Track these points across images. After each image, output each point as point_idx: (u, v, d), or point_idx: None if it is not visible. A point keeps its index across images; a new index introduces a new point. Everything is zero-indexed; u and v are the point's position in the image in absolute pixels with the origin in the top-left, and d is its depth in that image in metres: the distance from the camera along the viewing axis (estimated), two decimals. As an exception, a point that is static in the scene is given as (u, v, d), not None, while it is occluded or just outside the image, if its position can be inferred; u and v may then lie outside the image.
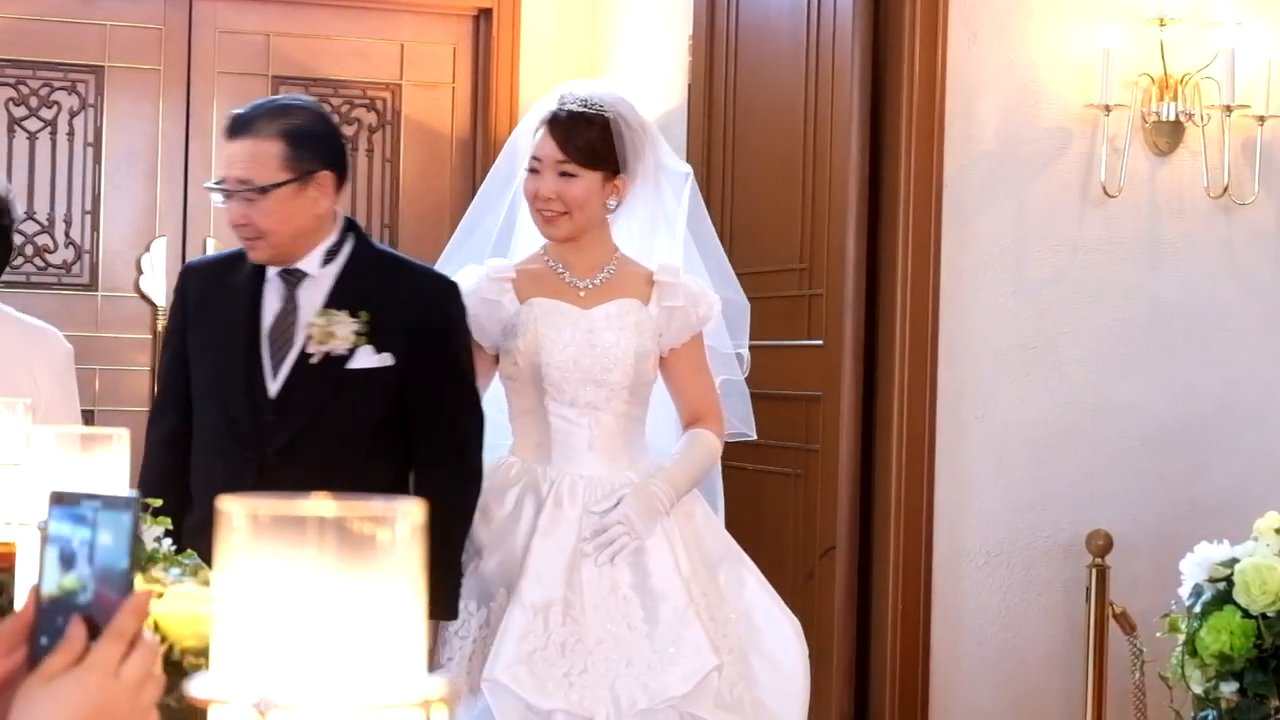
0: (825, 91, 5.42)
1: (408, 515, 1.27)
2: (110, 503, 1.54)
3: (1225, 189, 5.30)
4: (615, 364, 4.10)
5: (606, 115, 4.13)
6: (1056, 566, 5.25)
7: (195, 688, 1.25)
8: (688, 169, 4.44)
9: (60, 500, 1.55)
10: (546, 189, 4.10)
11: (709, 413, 4.25)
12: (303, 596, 1.24)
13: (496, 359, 4.17)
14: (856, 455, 5.27)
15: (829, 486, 5.31)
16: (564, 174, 4.09)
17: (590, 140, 4.10)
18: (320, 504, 1.25)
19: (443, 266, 4.33)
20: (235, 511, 1.26)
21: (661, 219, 4.33)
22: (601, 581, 3.99)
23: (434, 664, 3.87)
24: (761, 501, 5.62)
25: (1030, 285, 5.28)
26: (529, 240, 4.28)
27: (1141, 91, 5.28)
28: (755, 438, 4.57)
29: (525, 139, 4.20)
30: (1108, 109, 5.21)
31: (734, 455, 4.69)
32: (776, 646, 4.13)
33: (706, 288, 4.27)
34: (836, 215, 5.32)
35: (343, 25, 7.04)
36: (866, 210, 5.27)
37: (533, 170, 4.13)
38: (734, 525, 4.81)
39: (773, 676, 4.09)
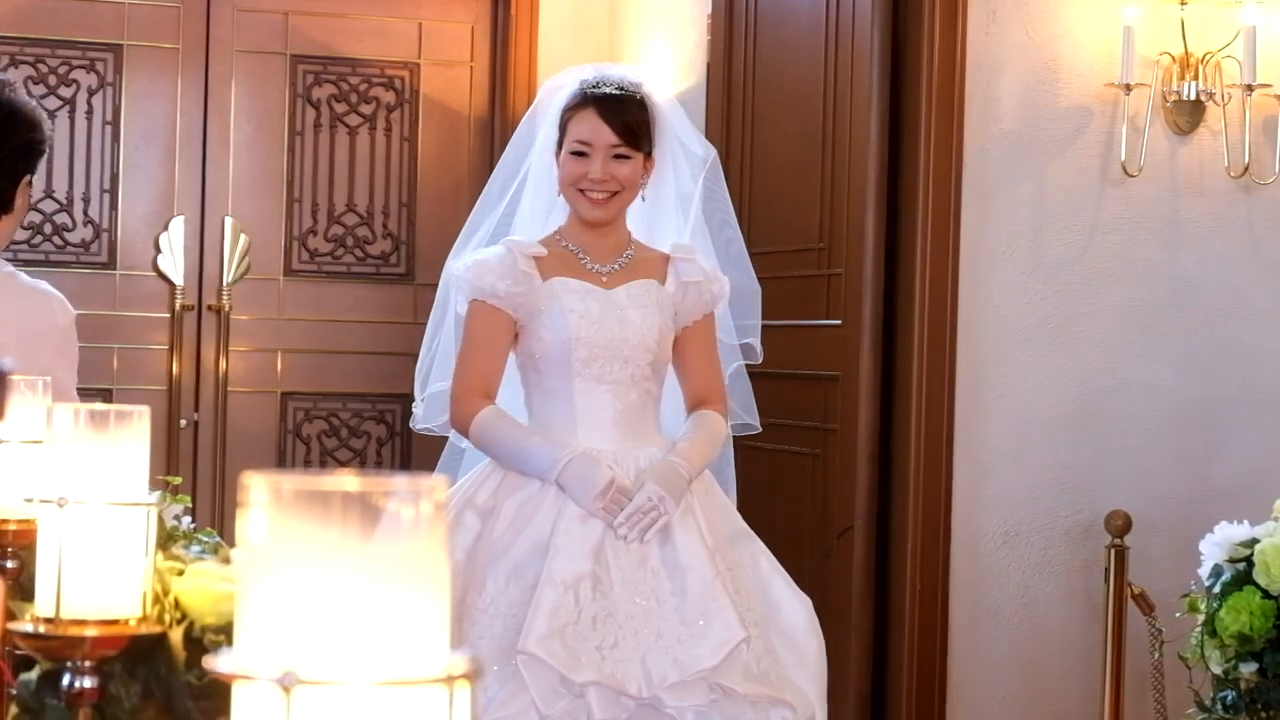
0: (845, 71, 5.41)
1: (431, 491, 1.26)
2: None
3: (1246, 169, 5.29)
4: (641, 341, 4.15)
5: (642, 95, 4.21)
6: (1075, 547, 5.25)
7: (219, 663, 1.25)
8: (707, 152, 4.45)
9: None
10: (598, 171, 4.13)
11: (715, 394, 4.29)
12: (326, 572, 1.24)
13: (517, 333, 4.19)
14: (875, 435, 5.27)
15: (847, 466, 5.31)
16: (617, 156, 4.14)
17: (636, 120, 4.17)
18: (344, 479, 1.24)
19: (459, 251, 4.36)
20: (258, 487, 1.25)
21: (673, 197, 4.36)
22: (630, 556, 4.01)
23: (463, 639, 3.89)
24: (779, 481, 5.62)
25: (1050, 265, 5.27)
26: (533, 223, 4.33)
27: (1162, 70, 5.26)
28: (759, 429, 4.57)
29: (540, 123, 4.25)
30: (1128, 88, 5.19)
31: (752, 435, 4.69)
32: (793, 624, 4.16)
33: (717, 269, 4.33)
34: (856, 195, 5.31)
35: (361, 4, 7.03)
36: (886, 190, 5.26)
37: (579, 154, 4.15)
38: (751, 505, 4.81)
39: (790, 653, 4.12)
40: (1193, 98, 5.27)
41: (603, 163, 4.13)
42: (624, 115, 4.15)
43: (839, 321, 5.39)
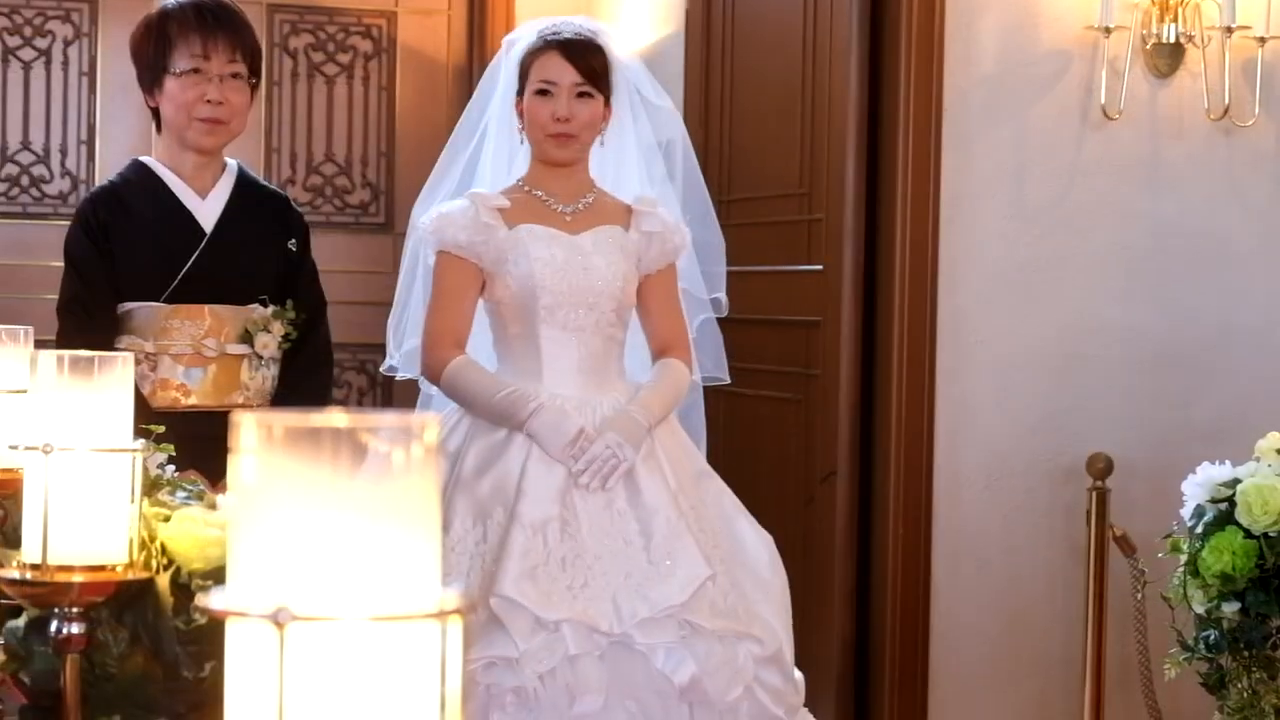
0: (825, 14, 5.40)
1: (423, 427, 1.26)
2: None
3: (1225, 111, 5.28)
4: (606, 287, 4.23)
5: (600, 41, 4.31)
6: (1057, 489, 5.26)
7: (213, 601, 1.25)
8: (669, 102, 4.55)
9: None
10: (563, 110, 4.21)
11: (678, 342, 4.37)
12: (318, 509, 1.24)
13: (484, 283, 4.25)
14: (857, 380, 5.27)
15: (829, 411, 5.31)
16: (581, 95, 4.23)
17: (598, 63, 4.26)
18: (334, 416, 1.24)
19: (425, 201, 4.44)
20: (248, 424, 1.25)
21: (635, 149, 4.45)
22: (596, 500, 4.09)
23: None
24: (761, 427, 5.63)
25: (1030, 208, 5.26)
26: (496, 172, 4.41)
27: (1141, 13, 5.25)
28: (729, 380, 4.61)
29: (502, 71, 4.33)
30: (1108, 31, 5.18)
31: (734, 380, 4.70)
32: (758, 560, 4.25)
33: (680, 221, 4.41)
34: (836, 139, 5.30)
35: (337, -48, 6.99)
36: (866, 134, 5.26)
37: (544, 93, 4.22)
38: (733, 450, 4.83)
39: (756, 589, 4.20)
40: (1172, 40, 5.26)
41: (567, 101, 4.21)
42: (586, 56, 4.24)
43: (820, 267, 5.39)
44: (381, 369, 4.78)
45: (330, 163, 7.01)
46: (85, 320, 4.28)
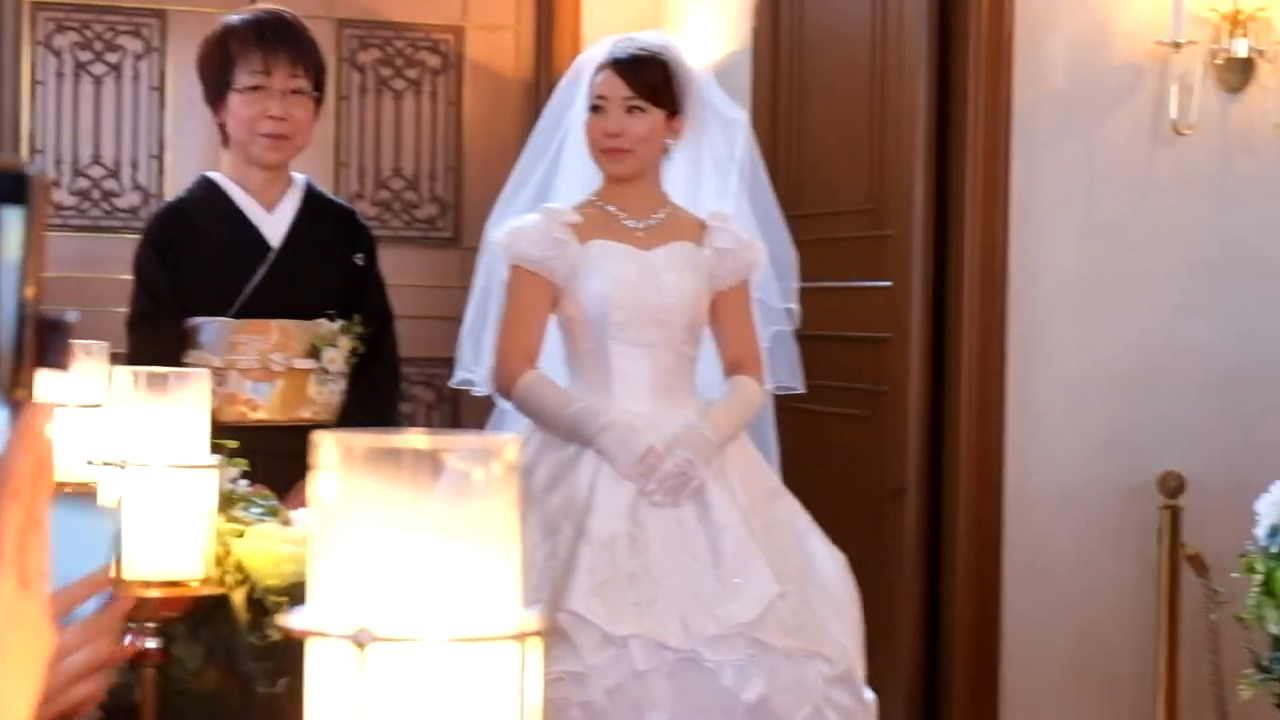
0: (893, 29, 5.39)
1: (502, 448, 1.26)
2: None
3: (1298, 126, 5.25)
4: (677, 303, 4.24)
5: (664, 56, 4.29)
6: (1127, 507, 5.22)
7: (293, 620, 1.25)
8: (742, 114, 4.54)
9: None
10: (613, 125, 4.21)
11: (751, 359, 4.37)
12: (399, 530, 1.24)
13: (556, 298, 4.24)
14: (926, 397, 5.25)
15: (898, 428, 5.30)
16: (631, 109, 4.23)
17: (654, 78, 4.25)
18: (415, 437, 1.24)
19: (500, 216, 4.45)
20: (328, 445, 1.25)
21: (709, 163, 4.45)
22: (665, 516, 4.09)
23: None
24: (828, 443, 5.61)
25: (1100, 224, 5.24)
26: (571, 186, 4.41)
27: (1212, 28, 5.23)
28: (803, 390, 4.61)
29: (578, 87, 4.36)
30: (1178, 46, 5.16)
31: (801, 397, 4.70)
32: (829, 578, 4.23)
33: (754, 236, 4.41)
34: (905, 155, 5.29)
35: (406, -32, 7.01)
36: (935, 150, 5.24)
37: (597, 109, 4.25)
38: (800, 466, 4.81)
39: (828, 606, 4.18)
40: (1243, 55, 5.23)
41: (617, 116, 4.21)
42: (638, 71, 4.24)
43: (889, 283, 5.38)
44: (450, 383, 4.79)
45: (398, 177, 7.03)
46: (152, 334, 4.31)
